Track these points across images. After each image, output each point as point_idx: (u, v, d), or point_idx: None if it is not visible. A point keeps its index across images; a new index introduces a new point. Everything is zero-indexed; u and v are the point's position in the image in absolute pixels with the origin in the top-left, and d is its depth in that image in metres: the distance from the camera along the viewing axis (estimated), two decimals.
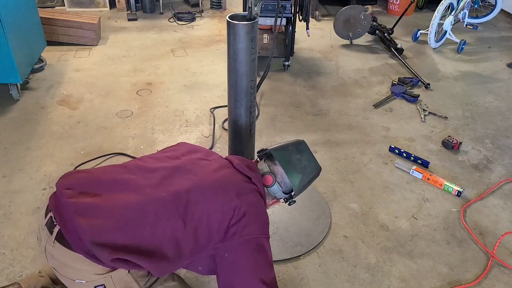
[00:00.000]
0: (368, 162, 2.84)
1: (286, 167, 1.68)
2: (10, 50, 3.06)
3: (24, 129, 3.04)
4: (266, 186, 1.67)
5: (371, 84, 3.83)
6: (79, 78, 3.76)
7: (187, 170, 1.55)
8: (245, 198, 1.51)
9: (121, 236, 1.35)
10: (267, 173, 1.69)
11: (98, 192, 1.42)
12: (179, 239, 1.41)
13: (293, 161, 1.71)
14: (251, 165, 1.66)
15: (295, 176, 1.68)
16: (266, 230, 1.54)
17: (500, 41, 4.83)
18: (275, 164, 1.69)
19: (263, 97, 3.55)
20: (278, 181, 1.68)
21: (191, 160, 1.62)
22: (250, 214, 1.49)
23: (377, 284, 2.03)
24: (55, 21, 4.17)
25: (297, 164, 1.70)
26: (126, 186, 1.45)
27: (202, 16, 5.35)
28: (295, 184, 1.68)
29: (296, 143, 1.79)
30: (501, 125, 3.29)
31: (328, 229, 2.31)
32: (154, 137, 3.00)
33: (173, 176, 1.51)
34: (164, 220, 1.40)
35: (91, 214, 1.36)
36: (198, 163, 1.60)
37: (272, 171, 1.69)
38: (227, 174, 1.57)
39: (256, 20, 1.92)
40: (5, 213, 2.34)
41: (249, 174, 1.60)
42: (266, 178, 1.67)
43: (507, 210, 2.48)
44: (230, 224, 1.47)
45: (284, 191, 1.70)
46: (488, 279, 2.07)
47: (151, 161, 1.60)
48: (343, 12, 4.41)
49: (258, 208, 1.55)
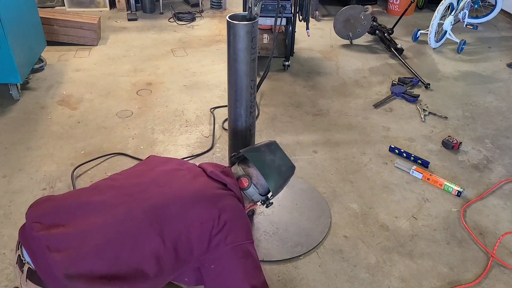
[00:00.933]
0: (368, 162, 2.84)
1: (260, 168, 1.67)
2: (10, 50, 3.06)
3: (24, 129, 3.04)
4: (242, 189, 1.65)
5: (371, 84, 3.83)
6: (79, 78, 3.76)
7: (161, 183, 1.50)
8: (223, 206, 1.48)
9: (98, 263, 1.28)
10: (242, 176, 1.67)
11: (69, 219, 1.34)
12: (160, 256, 1.36)
13: (267, 161, 1.71)
14: (225, 171, 1.64)
15: (271, 176, 1.68)
16: (249, 235, 1.52)
17: (500, 41, 4.83)
18: (249, 167, 1.69)
19: (263, 97, 3.55)
20: (254, 183, 1.67)
21: (164, 172, 1.57)
22: (231, 221, 1.46)
23: (377, 284, 2.03)
24: (55, 21, 4.17)
25: (271, 165, 1.70)
26: (98, 209, 1.38)
27: (202, 16, 5.35)
28: (271, 184, 1.67)
29: (268, 144, 1.79)
30: (501, 125, 3.29)
31: (328, 229, 2.31)
32: (154, 137, 3.00)
33: (146, 191, 1.46)
34: (140, 240, 1.34)
35: (64, 245, 1.28)
36: (172, 174, 1.56)
37: (247, 174, 1.68)
38: (202, 184, 1.54)
39: (256, 20, 1.92)
40: (5, 213, 2.34)
41: (224, 180, 1.58)
42: (242, 181, 1.66)
43: (507, 210, 2.48)
44: (212, 234, 1.42)
45: (261, 192, 1.69)
46: (488, 279, 2.07)
47: (123, 179, 1.54)
48: (343, 12, 4.41)
49: (238, 214, 1.52)
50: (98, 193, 1.45)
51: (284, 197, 2.51)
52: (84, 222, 1.34)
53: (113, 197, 1.43)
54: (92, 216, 1.35)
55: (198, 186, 1.52)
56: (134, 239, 1.34)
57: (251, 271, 1.46)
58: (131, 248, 1.32)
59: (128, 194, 1.44)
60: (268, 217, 2.37)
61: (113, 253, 1.30)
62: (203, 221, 1.42)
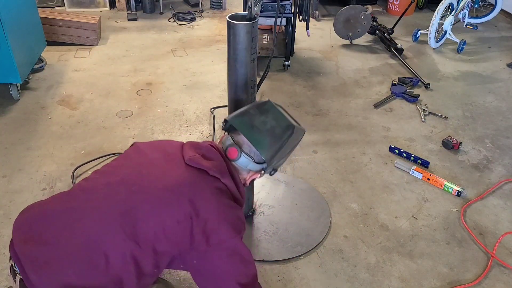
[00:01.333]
0: (368, 162, 2.84)
1: (248, 133, 1.46)
2: (10, 50, 3.06)
3: (24, 129, 3.04)
4: (233, 161, 1.48)
5: (371, 84, 3.83)
6: (79, 78, 3.76)
7: (130, 183, 1.37)
8: (201, 203, 1.33)
9: (73, 277, 1.23)
10: (230, 146, 1.48)
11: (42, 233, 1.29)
12: (138, 260, 1.28)
13: (256, 125, 1.49)
14: (207, 153, 1.45)
15: (260, 141, 1.46)
16: (234, 231, 1.37)
17: (500, 41, 4.83)
18: (239, 134, 1.50)
19: (263, 97, 3.55)
20: (245, 152, 1.47)
21: (138, 165, 1.43)
22: (212, 219, 1.33)
23: (377, 284, 2.03)
24: (55, 21, 4.17)
25: (261, 127, 1.48)
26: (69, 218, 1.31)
27: (202, 16, 5.35)
28: (262, 150, 1.46)
29: (259, 104, 1.56)
30: (501, 125, 3.29)
31: (328, 229, 2.31)
32: (154, 137, 3.00)
33: (117, 192, 1.35)
34: (114, 248, 1.27)
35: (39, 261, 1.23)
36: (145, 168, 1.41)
37: (237, 142, 1.48)
38: (177, 177, 1.37)
39: (256, 20, 1.91)
40: (5, 213, 2.34)
41: (203, 167, 1.40)
42: (230, 152, 1.47)
43: (507, 210, 2.48)
44: (193, 233, 1.32)
45: (258, 161, 1.49)
46: (488, 279, 2.07)
47: (95, 179, 1.43)
48: (343, 12, 4.41)
49: (219, 209, 1.36)
50: (72, 198, 1.37)
51: (284, 197, 2.51)
52: (57, 234, 1.28)
53: (83, 202, 1.34)
54: (64, 229, 1.29)
55: (173, 181, 1.36)
56: (107, 247, 1.26)
57: (237, 269, 1.38)
58: (105, 257, 1.26)
59: (98, 199, 1.34)
60: (268, 217, 2.37)
61: (87, 266, 1.25)
62: (180, 219, 1.31)
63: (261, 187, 2.56)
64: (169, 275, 2.03)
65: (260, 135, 1.47)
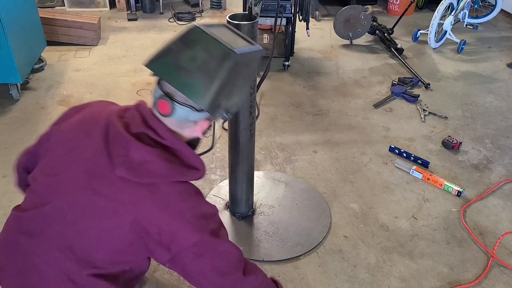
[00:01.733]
0: (368, 162, 2.84)
1: (172, 79, 1.12)
2: (10, 50, 3.06)
3: (24, 129, 3.04)
4: (166, 116, 1.16)
5: (371, 84, 3.83)
6: (79, 78, 3.76)
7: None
8: (147, 219, 1.13)
9: None
10: (159, 98, 1.15)
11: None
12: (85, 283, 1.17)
13: (182, 64, 1.12)
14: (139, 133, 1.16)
15: (191, 84, 1.12)
16: (196, 231, 1.15)
17: (500, 41, 4.83)
18: None
19: (263, 97, 3.55)
20: (179, 102, 1.14)
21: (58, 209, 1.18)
22: (164, 230, 1.13)
23: (377, 284, 2.03)
24: (55, 21, 4.17)
25: (189, 66, 1.12)
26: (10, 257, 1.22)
27: (202, 16, 5.35)
28: (196, 96, 1.12)
29: (183, 35, 1.17)
30: (501, 125, 3.29)
31: (328, 229, 2.31)
32: None
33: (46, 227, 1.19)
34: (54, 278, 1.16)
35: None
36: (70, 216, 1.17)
37: (166, 93, 1.15)
38: (113, 208, 1.14)
39: (256, 20, 1.92)
40: (5, 213, 2.34)
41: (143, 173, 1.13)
42: (160, 106, 1.15)
43: (507, 210, 2.48)
44: (150, 248, 1.16)
45: (200, 108, 1.15)
46: (488, 279, 2.07)
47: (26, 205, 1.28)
48: (343, 12, 4.41)
49: (171, 215, 1.14)
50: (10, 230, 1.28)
51: (284, 197, 2.51)
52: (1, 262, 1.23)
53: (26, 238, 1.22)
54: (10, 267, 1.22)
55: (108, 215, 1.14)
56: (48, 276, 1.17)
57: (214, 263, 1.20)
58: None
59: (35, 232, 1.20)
60: (268, 217, 2.37)
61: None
62: (131, 242, 1.16)
63: (261, 187, 2.57)
64: (169, 275, 2.03)
65: (189, 76, 1.12)
